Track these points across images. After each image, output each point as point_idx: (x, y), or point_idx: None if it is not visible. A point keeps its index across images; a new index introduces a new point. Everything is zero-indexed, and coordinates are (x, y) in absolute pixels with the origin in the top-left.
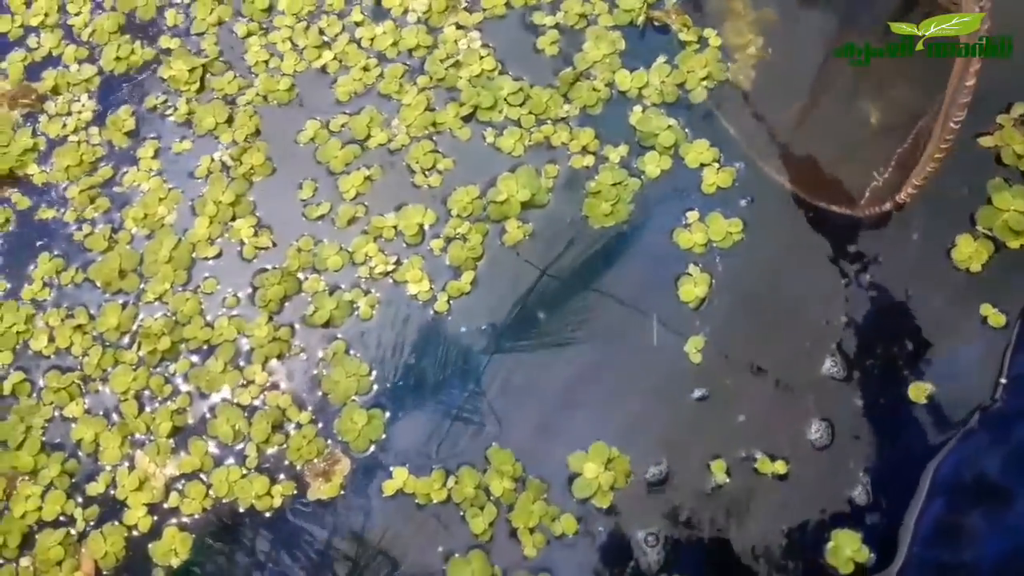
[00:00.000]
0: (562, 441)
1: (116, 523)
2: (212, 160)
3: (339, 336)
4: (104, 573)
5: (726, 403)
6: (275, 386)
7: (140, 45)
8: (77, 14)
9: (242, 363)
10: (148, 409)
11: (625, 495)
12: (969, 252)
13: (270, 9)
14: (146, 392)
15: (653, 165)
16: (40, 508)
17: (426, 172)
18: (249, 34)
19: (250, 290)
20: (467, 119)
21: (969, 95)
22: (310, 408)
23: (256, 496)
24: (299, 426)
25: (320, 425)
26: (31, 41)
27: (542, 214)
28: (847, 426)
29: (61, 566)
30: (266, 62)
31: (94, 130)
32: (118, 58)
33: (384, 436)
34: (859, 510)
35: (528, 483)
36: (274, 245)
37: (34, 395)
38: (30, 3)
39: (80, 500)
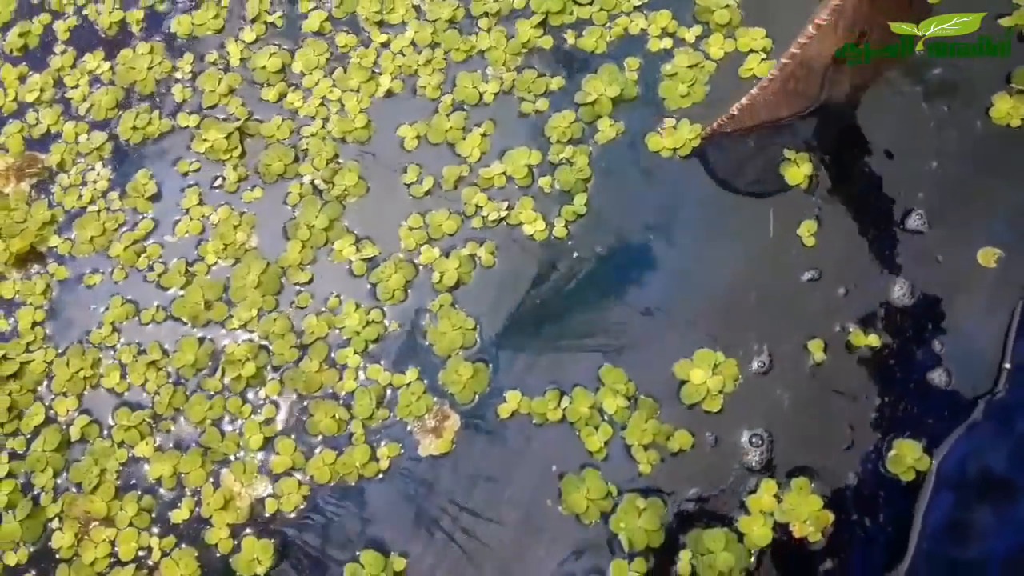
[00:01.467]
0: (672, 352)
1: (185, 546)
2: (302, 186)
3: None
4: None
5: (827, 280)
6: (375, 360)
7: (158, 115)
8: (75, 87)
9: (335, 354)
10: (230, 429)
11: (732, 395)
12: (1007, 109)
13: (283, 70)
14: (225, 417)
15: (717, 47)
16: (111, 554)
17: (536, 99)
18: (281, 95)
19: (368, 286)
20: (542, 26)
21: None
22: (414, 366)
23: (360, 465)
24: (408, 384)
25: (426, 382)
26: (29, 117)
27: (631, 107)
28: (925, 287)
29: None
30: (324, 106)
31: (113, 196)
32: (135, 127)
33: (489, 388)
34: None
35: (640, 402)
36: (379, 253)
37: (104, 436)
38: (25, 78)
39: (157, 530)
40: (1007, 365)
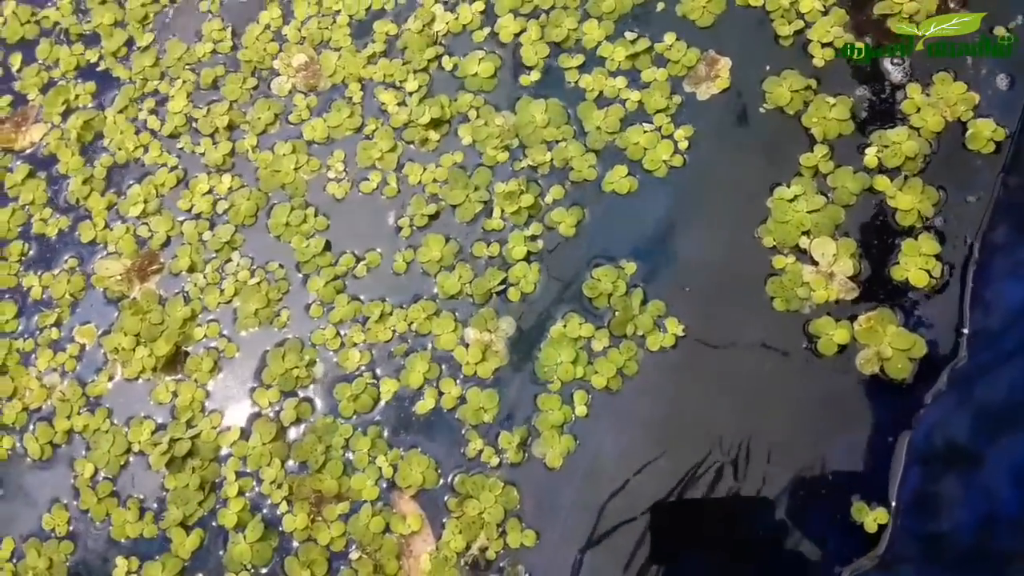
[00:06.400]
0: None
1: (404, 452)
2: None
3: None
4: (432, 489)
5: None
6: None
7: (313, 213)
8: (190, 210)
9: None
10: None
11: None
12: None
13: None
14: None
15: None
16: (346, 532)
17: None
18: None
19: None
20: None
21: None
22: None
23: (667, 158)
24: (670, 47)
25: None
26: (141, 231)
27: None
28: None
29: (387, 531)
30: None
31: (273, 266)
32: (287, 224)
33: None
34: None
35: (832, 10)
36: None
37: (326, 413)
38: (113, 206)
39: (387, 449)
40: (965, 330)
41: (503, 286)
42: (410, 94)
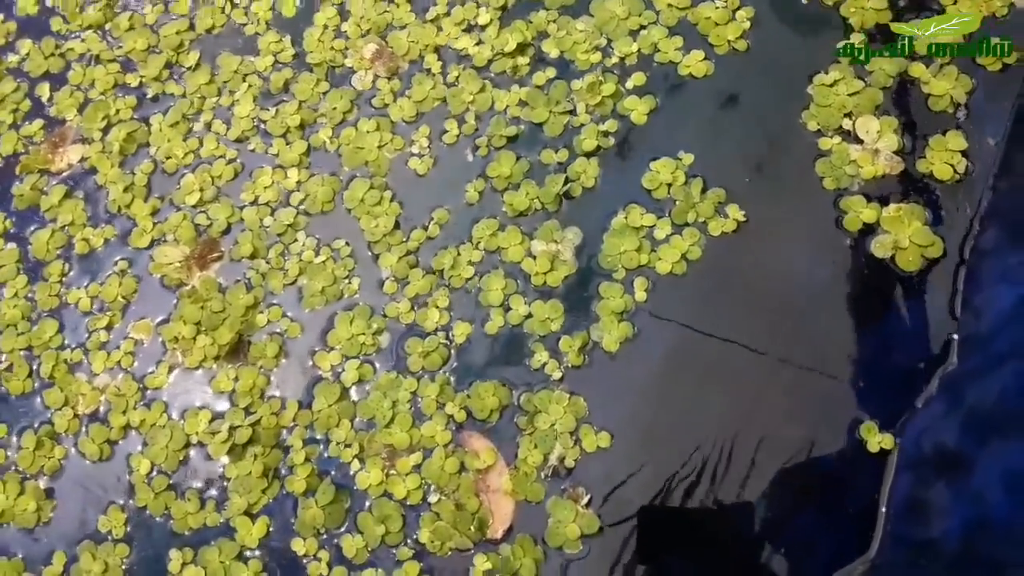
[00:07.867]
0: None
1: (476, 381)
2: None
3: None
4: (507, 407)
5: None
6: None
7: (390, 197)
8: (254, 202)
9: None
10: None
11: None
12: None
13: None
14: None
15: None
16: (422, 483)
17: None
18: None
19: None
20: None
21: None
22: None
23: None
24: None
25: None
26: (199, 219)
27: None
28: None
29: (463, 470)
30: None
31: (339, 244)
32: (362, 200)
33: None
34: None
35: None
36: None
37: (392, 369)
38: (158, 211)
39: (454, 395)
40: (955, 336)
41: (567, 185)
42: (483, 28)
